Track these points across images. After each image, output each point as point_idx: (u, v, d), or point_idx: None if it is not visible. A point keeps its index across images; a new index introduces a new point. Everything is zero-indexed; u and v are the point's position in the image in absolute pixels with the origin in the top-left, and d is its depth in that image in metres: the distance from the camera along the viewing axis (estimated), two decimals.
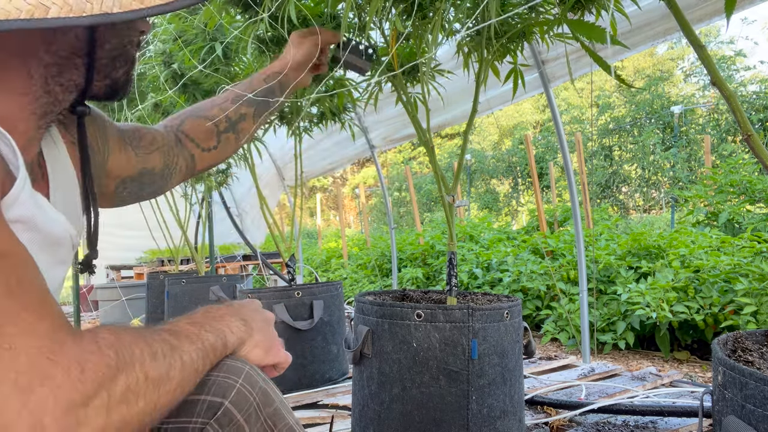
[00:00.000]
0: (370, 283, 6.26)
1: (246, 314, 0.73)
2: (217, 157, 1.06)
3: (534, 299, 4.29)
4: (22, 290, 0.46)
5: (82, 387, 0.44)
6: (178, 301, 3.30)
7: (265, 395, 0.65)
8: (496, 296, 1.60)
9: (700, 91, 13.24)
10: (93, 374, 0.45)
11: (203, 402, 0.61)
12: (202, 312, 0.69)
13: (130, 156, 0.88)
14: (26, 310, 0.45)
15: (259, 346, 0.71)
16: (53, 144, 0.73)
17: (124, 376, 0.48)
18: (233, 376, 0.63)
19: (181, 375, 0.56)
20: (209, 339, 0.63)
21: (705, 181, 5.26)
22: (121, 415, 0.47)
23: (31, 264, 0.49)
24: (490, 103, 3.44)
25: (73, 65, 0.67)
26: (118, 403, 0.47)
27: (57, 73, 0.66)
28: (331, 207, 23.21)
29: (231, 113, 1.04)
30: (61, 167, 0.73)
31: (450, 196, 1.44)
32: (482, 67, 1.38)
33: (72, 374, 0.44)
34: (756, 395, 0.78)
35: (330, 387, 2.33)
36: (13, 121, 0.62)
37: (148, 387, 0.50)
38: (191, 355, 0.58)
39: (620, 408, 1.82)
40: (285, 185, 6.17)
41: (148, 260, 6.11)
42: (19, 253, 0.48)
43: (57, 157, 0.73)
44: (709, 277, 3.34)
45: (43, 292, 0.48)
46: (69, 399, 0.43)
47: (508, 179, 14.31)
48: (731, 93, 0.92)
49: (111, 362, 0.47)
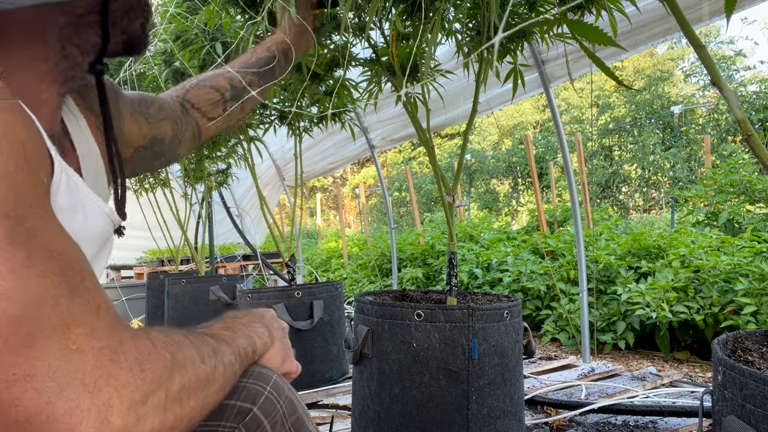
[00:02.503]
0: (370, 283, 6.26)
1: (268, 322, 0.74)
2: (221, 126, 1.06)
3: (534, 299, 4.29)
4: (82, 290, 0.46)
5: (143, 385, 0.45)
6: (178, 301, 3.30)
7: (290, 404, 0.67)
8: (496, 296, 1.60)
9: (700, 91, 13.24)
10: (152, 374, 0.47)
11: (233, 407, 0.62)
12: (232, 317, 0.70)
13: (142, 124, 0.87)
14: (88, 311, 0.45)
15: (278, 354, 0.73)
16: (71, 114, 0.71)
17: (179, 376, 0.49)
18: (262, 383, 0.65)
19: (224, 377, 0.57)
20: (242, 344, 0.64)
21: (705, 181, 5.26)
22: (175, 413, 0.48)
23: (84, 260, 0.49)
24: (490, 103, 3.44)
25: (88, 24, 0.65)
26: (172, 402, 0.48)
27: (73, 33, 0.63)
28: (331, 207, 23.21)
29: (236, 82, 1.03)
30: (83, 137, 0.71)
31: (450, 196, 1.44)
32: (482, 67, 1.38)
33: (134, 373, 0.45)
34: (756, 395, 0.78)
35: (330, 387, 2.33)
36: (36, 93, 0.60)
37: (198, 387, 0.52)
38: (230, 358, 0.60)
39: (620, 408, 1.82)
40: (285, 185, 6.17)
41: (148, 260, 6.11)
42: (73, 251, 0.48)
43: (78, 127, 0.71)
44: (709, 277, 3.34)
45: (98, 290, 0.48)
46: (131, 397, 0.44)
47: (508, 179, 14.31)
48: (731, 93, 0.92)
49: (167, 363, 0.49)
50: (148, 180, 3.96)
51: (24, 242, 0.44)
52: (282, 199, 8.12)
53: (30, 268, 0.43)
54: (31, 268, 0.43)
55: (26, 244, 0.44)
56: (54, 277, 0.44)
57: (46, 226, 0.47)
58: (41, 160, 0.50)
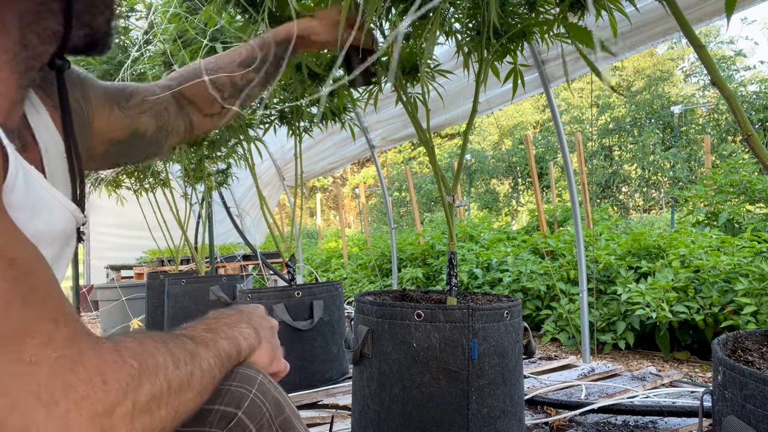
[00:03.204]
0: (370, 283, 6.26)
1: (255, 321, 0.72)
2: (216, 122, 1.03)
3: (534, 299, 4.29)
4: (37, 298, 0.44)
5: (105, 397, 0.43)
6: (178, 301, 3.30)
7: (277, 405, 0.65)
8: (496, 296, 1.60)
9: (700, 91, 13.25)
10: (116, 384, 0.44)
11: (216, 412, 0.60)
12: (215, 317, 0.67)
13: (118, 116, 0.83)
14: (44, 320, 0.43)
15: (265, 354, 0.71)
16: (34, 109, 0.67)
17: (148, 385, 0.47)
18: (247, 386, 0.63)
19: (201, 383, 0.55)
20: (224, 346, 0.62)
21: (705, 181, 5.26)
22: (144, 424, 0.46)
23: (43, 266, 0.47)
24: (490, 103, 3.44)
25: (49, 11, 0.61)
26: (140, 412, 0.46)
27: (33, 20, 0.60)
28: (331, 207, 23.21)
29: (237, 79, 0.99)
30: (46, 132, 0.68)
31: (450, 196, 1.44)
32: (482, 67, 1.38)
33: (94, 385, 0.43)
34: (756, 395, 0.78)
35: (330, 387, 2.33)
36: None
37: (170, 395, 0.50)
38: (209, 362, 0.57)
39: (620, 408, 1.82)
40: (285, 185, 6.18)
41: (148, 260, 6.11)
42: (30, 256, 0.46)
43: (41, 122, 0.68)
44: (709, 277, 3.34)
45: (58, 298, 0.46)
46: (92, 410, 0.42)
47: (508, 179, 14.31)
48: (731, 93, 0.92)
49: (134, 372, 0.46)
50: (148, 180, 3.97)
51: None
52: (282, 199, 8.12)
53: None
54: None
55: None
56: (8, 284, 0.42)
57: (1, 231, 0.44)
58: None
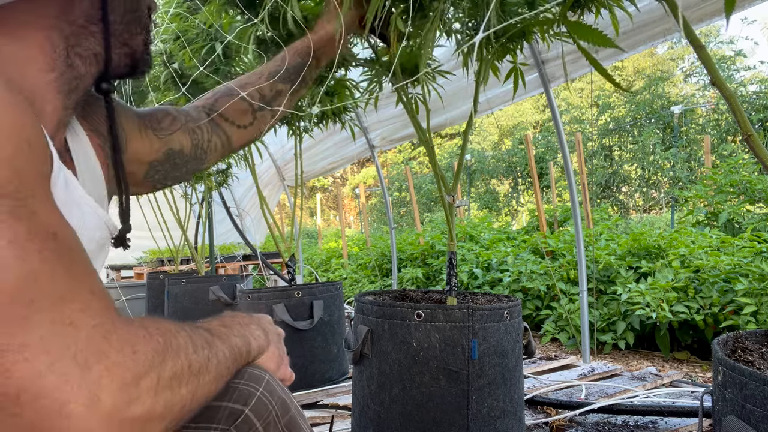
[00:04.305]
0: (370, 283, 6.26)
1: (265, 326, 0.74)
2: (253, 132, 1.07)
3: (534, 299, 4.29)
4: (78, 269, 0.47)
5: (134, 366, 0.45)
6: (178, 301, 3.30)
7: (283, 404, 0.66)
8: (496, 296, 1.60)
9: (700, 91, 13.24)
10: (144, 356, 0.46)
11: (224, 408, 0.61)
12: (230, 317, 0.70)
13: (152, 139, 0.87)
14: (83, 289, 0.46)
15: (273, 358, 0.73)
16: (75, 134, 0.72)
17: (171, 361, 0.49)
18: (254, 384, 0.64)
19: (217, 370, 0.57)
20: (237, 342, 0.64)
21: (705, 181, 5.26)
22: (166, 399, 0.48)
23: (81, 244, 0.50)
24: (490, 103, 3.44)
25: (90, 33, 0.66)
26: (164, 387, 0.48)
27: (75, 43, 0.64)
28: (331, 207, 23.20)
29: (266, 91, 1.03)
30: (84, 157, 0.72)
31: (450, 196, 1.44)
32: (482, 67, 1.38)
33: (125, 354, 0.45)
34: (756, 395, 0.78)
35: (330, 387, 2.33)
36: (41, 103, 0.60)
37: (190, 375, 0.52)
38: (224, 353, 0.60)
39: (620, 408, 1.82)
40: (285, 185, 6.18)
41: (148, 260, 6.11)
42: (70, 234, 0.49)
43: (80, 146, 0.71)
44: (709, 277, 3.34)
45: (93, 273, 0.49)
46: (122, 377, 0.44)
47: (508, 179, 14.31)
48: (731, 93, 0.92)
49: (159, 348, 0.49)
50: None
51: (26, 218, 0.45)
52: (282, 199, 8.12)
53: (30, 242, 0.44)
54: (31, 241, 0.44)
55: (28, 220, 0.45)
56: (52, 253, 0.45)
57: (47, 210, 0.48)
58: (43, 151, 0.52)
